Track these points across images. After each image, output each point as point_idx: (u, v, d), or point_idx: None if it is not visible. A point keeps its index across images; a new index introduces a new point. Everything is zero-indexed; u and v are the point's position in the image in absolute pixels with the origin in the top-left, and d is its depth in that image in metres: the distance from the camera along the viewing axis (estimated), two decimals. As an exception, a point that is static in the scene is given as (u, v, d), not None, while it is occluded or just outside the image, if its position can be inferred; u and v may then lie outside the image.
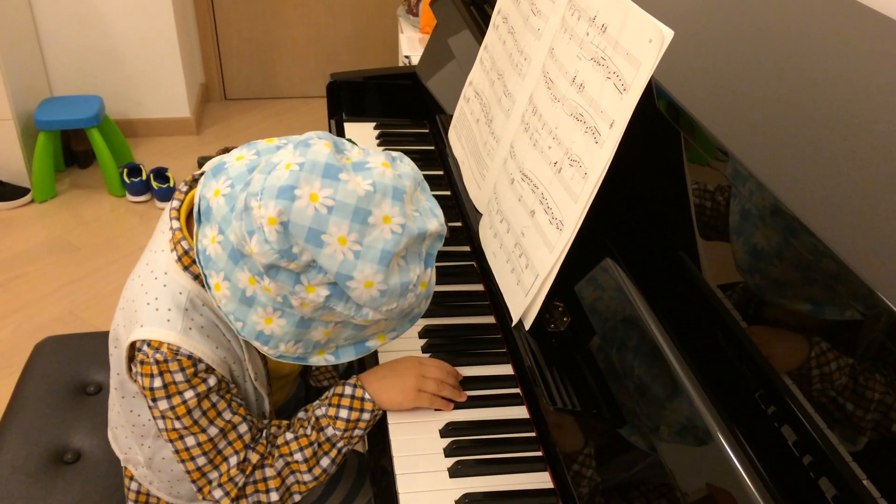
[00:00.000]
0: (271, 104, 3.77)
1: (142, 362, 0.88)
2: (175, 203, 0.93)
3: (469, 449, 0.97)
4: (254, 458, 0.96)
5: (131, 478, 1.12)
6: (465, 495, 0.91)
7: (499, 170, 1.13)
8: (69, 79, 3.17)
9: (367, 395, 0.99)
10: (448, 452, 0.96)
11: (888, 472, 0.60)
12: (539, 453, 0.97)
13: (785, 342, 0.70)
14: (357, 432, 0.99)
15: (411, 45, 2.82)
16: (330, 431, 0.97)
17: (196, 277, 0.89)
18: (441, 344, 1.11)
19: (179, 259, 0.89)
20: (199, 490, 0.95)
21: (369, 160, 0.79)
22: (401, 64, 2.99)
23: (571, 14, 0.96)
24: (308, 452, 0.97)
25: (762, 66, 0.98)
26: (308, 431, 0.98)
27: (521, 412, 1.03)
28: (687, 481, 0.72)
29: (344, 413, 0.98)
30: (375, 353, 1.10)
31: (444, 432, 0.99)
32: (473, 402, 1.03)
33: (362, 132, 1.69)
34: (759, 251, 0.75)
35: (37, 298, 2.46)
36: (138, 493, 1.12)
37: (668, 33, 0.76)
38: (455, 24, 1.62)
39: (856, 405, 0.63)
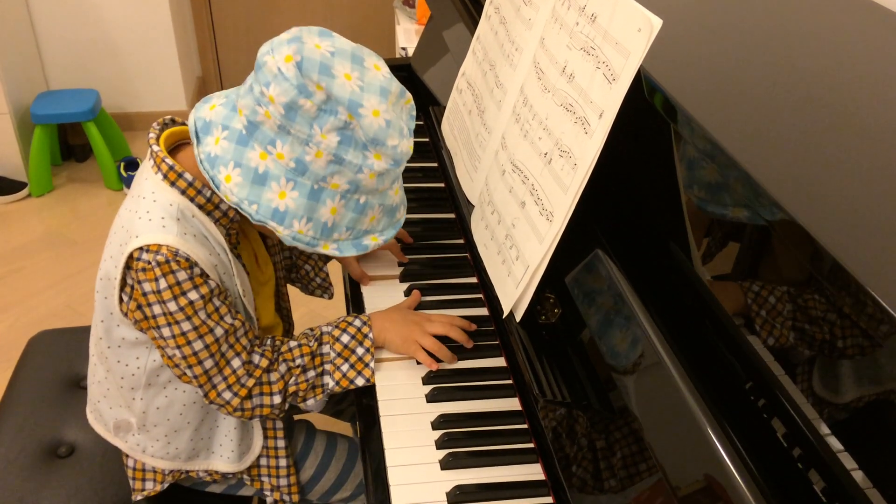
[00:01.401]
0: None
1: (143, 269, 0.90)
2: (152, 135, 0.97)
3: (461, 441, 0.96)
4: (263, 363, 1.00)
5: (128, 455, 1.12)
6: (457, 487, 0.91)
7: (490, 161, 1.13)
8: (65, 72, 3.16)
9: (370, 335, 1.06)
10: (440, 444, 0.96)
11: (877, 464, 0.60)
12: (531, 445, 0.97)
13: (776, 334, 0.70)
14: (344, 367, 1.03)
15: (408, 37, 2.81)
16: (326, 349, 1.04)
17: (183, 192, 0.93)
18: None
19: (165, 176, 0.93)
20: (206, 395, 0.99)
21: None
22: (398, 55, 2.98)
23: (562, 3, 0.95)
24: (307, 360, 1.03)
25: (753, 55, 0.97)
26: (311, 343, 1.04)
27: (513, 404, 1.03)
28: (676, 471, 0.72)
29: (345, 338, 1.05)
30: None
31: (436, 424, 0.99)
32: (466, 394, 1.03)
33: (357, 124, 1.68)
34: (751, 243, 0.74)
35: (34, 293, 2.46)
36: (134, 469, 1.13)
37: (657, 22, 0.75)
38: (449, 15, 1.61)
39: (847, 396, 0.63)
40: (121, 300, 0.96)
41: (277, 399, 1.01)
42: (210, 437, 1.10)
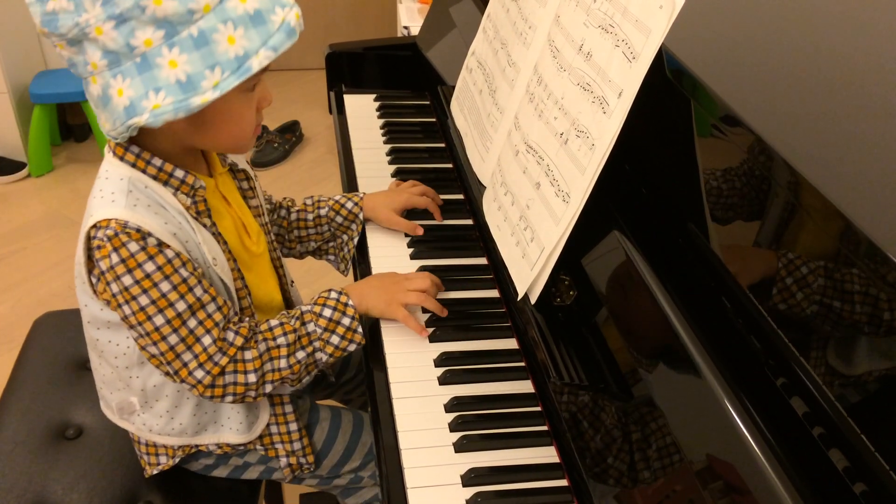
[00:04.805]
0: (269, 76, 3.68)
1: (98, 247, 0.89)
2: None
3: (474, 423, 0.96)
4: (238, 340, 0.97)
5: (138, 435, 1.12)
6: (471, 470, 0.90)
7: (503, 141, 1.11)
8: (64, 51, 3.12)
9: (350, 302, 1.05)
10: (453, 427, 0.95)
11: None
12: (545, 427, 0.96)
13: (797, 313, 0.69)
14: (334, 339, 1.03)
15: (410, 16, 2.78)
16: (311, 327, 1.03)
17: (133, 165, 0.93)
18: (443, 318, 1.10)
19: (114, 152, 0.93)
20: (176, 373, 0.95)
21: None
22: (399, 34, 2.95)
23: (578, -20, 0.93)
24: (291, 338, 1.01)
25: (777, 33, 0.96)
26: (292, 321, 1.03)
27: (526, 386, 1.02)
28: (695, 452, 0.72)
29: (327, 312, 1.04)
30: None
31: (449, 407, 0.98)
32: (478, 377, 1.03)
33: (362, 104, 1.66)
34: (771, 222, 0.73)
35: (36, 273, 2.45)
36: (147, 445, 1.12)
37: (680, -1, 0.74)
38: (456, -8, 1.59)
39: (869, 375, 0.62)
40: (91, 282, 0.95)
41: (252, 378, 0.98)
42: (216, 411, 1.09)
